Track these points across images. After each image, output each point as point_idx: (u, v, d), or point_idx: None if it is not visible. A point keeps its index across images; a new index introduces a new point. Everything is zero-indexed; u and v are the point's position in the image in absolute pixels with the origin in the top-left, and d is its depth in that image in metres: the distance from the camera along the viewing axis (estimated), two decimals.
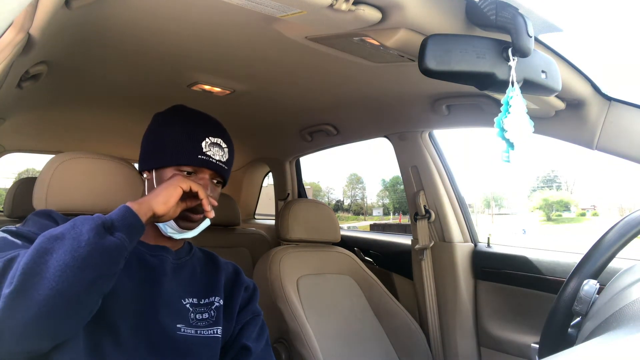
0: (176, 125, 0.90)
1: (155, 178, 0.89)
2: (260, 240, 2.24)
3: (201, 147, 0.86)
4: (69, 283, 0.60)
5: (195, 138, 0.87)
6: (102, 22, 0.96)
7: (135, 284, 0.81)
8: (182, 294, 0.87)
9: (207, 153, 0.86)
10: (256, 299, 1.00)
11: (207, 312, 0.89)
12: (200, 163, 0.86)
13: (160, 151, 0.88)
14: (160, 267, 0.86)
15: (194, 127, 0.89)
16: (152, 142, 0.91)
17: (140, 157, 0.93)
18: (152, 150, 0.90)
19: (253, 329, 0.95)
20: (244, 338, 0.93)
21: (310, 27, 0.90)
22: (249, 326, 0.95)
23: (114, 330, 0.76)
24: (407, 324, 1.59)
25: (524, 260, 1.47)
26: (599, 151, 1.09)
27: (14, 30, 0.65)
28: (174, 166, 0.86)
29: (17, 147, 2.48)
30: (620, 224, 0.71)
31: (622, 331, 0.45)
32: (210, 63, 1.24)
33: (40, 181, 0.98)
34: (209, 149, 0.87)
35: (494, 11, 0.71)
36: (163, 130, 0.91)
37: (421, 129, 1.66)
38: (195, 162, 0.86)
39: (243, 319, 0.95)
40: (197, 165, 0.86)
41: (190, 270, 0.92)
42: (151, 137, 0.93)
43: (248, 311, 0.96)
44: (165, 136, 0.89)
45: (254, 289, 1.01)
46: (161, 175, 0.88)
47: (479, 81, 0.71)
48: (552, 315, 0.71)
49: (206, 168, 0.87)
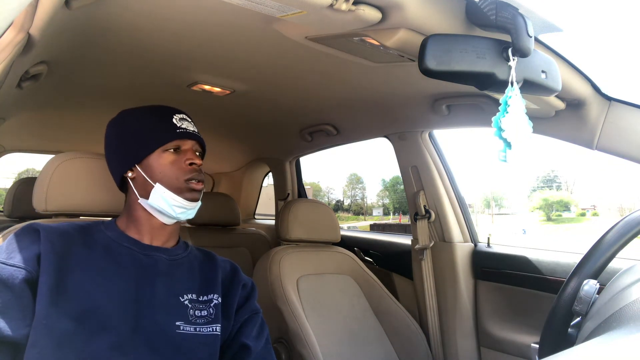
0: (140, 116, 0.92)
1: (144, 171, 0.89)
2: (260, 240, 2.24)
3: (175, 123, 0.91)
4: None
5: (166, 117, 0.91)
6: (102, 22, 0.96)
7: (131, 285, 0.82)
8: (180, 291, 0.87)
9: (182, 127, 0.91)
10: (254, 296, 1.00)
11: (206, 309, 0.89)
12: (182, 135, 0.90)
13: (137, 142, 0.89)
14: (155, 266, 0.86)
15: (160, 109, 0.93)
16: (123, 139, 0.92)
17: (114, 162, 0.93)
18: (126, 146, 0.91)
19: (252, 327, 0.95)
20: (243, 336, 0.92)
21: (310, 27, 0.90)
22: (248, 324, 0.95)
23: (113, 333, 0.76)
24: (407, 324, 1.59)
25: (524, 260, 1.47)
26: (599, 151, 1.09)
27: (14, 30, 0.65)
28: (159, 148, 0.88)
29: (17, 147, 2.48)
30: (620, 224, 0.71)
31: (622, 331, 0.45)
32: (210, 63, 1.24)
33: (40, 181, 0.98)
34: (182, 123, 0.92)
35: (494, 11, 0.71)
36: (129, 125, 0.92)
37: (421, 129, 1.66)
38: (177, 135, 0.89)
39: (242, 317, 0.95)
40: (180, 138, 0.90)
41: (188, 267, 0.92)
42: (119, 136, 0.93)
43: (246, 309, 0.96)
44: (136, 127, 0.91)
45: (252, 286, 1.01)
46: (150, 165, 0.89)
47: (479, 81, 0.71)
48: (552, 315, 0.71)
49: (188, 139, 0.91)
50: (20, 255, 0.76)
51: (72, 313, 0.74)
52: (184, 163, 0.90)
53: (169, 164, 0.89)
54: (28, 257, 0.76)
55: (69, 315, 0.74)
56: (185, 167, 0.89)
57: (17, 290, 0.73)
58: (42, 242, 0.78)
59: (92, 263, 0.81)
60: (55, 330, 0.72)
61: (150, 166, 0.88)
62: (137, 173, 0.90)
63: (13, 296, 0.72)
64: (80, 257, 0.81)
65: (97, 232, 0.88)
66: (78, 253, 0.81)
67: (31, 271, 0.75)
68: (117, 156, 0.93)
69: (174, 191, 0.88)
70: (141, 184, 0.89)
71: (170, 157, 0.89)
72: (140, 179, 0.89)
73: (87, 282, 0.78)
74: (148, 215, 0.90)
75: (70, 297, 0.76)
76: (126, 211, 0.93)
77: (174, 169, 0.89)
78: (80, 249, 0.82)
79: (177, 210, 0.88)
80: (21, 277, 0.74)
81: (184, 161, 0.90)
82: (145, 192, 0.89)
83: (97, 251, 0.83)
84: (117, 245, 0.86)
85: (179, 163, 0.90)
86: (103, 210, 1.03)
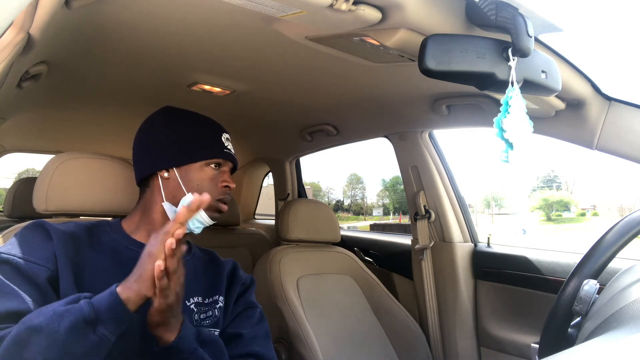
0: (192, 122, 0.93)
1: (180, 176, 0.88)
2: (260, 240, 2.24)
3: (222, 142, 0.93)
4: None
5: (217, 133, 0.93)
6: (102, 22, 0.96)
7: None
8: (186, 294, 0.86)
9: (227, 147, 0.94)
10: (251, 291, 0.99)
11: (211, 310, 0.89)
12: (226, 156, 0.92)
13: (186, 147, 0.89)
14: None
15: (212, 123, 0.95)
16: (169, 137, 0.90)
17: (149, 156, 0.91)
18: (171, 146, 0.90)
19: (245, 319, 0.94)
20: (234, 327, 0.91)
21: (310, 27, 0.90)
22: (240, 316, 0.94)
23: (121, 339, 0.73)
24: (407, 324, 1.59)
25: (524, 260, 1.47)
26: (599, 151, 1.09)
27: (14, 30, 0.65)
28: (203, 160, 0.90)
29: (17, 147, 2.48)
30: (620, 224, 0.71)
31: (622, 331, 0.45)
32: (210, 63, 1.24)
33: (40, 181, 0.98)
34: (227, 143, 0.94)
35: (494, 11, 0.71)
36: (180, 127, 0.92)
37: (421, 129, 1.66)
38: (224, 155, 0.92)
39: (235, 310, 0.94)
40: (225, 158, 0.92)
41: (192, 269, 0.91)
42: (165, 133, 0.91)
43: (241, 303, 0.96)
44: (188, 132, 0.91)
45: (251, 282, 1.01)
46: (189, 172, 0.89)
47: (479, 81, 0.71)
48: (552, 315, 0.71)
49: (229, 161, 0.94)
50: (38, 253, 0.74)
51: None
52: (220, 182, 0.91)
53: (208, 179, 0.90)
54: (47, 256, 0.74)
55: None
56: (220, 187, 0.91)
57: (42, 288, 0.71)
58: (55, 242, 0.76)
59: (101, 266, 0.80)
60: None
61: (189, 175, 0.89)
62: (173, 176, 0.89)
63: (40, 294, 0.71)
64: (89, 260, 0.80)
65: (103, 234, 0.86)
66: (87, 256, 0.80)
67: (53, 270, 0.74)
68: (156, 152, 0.90)
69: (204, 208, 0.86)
70: (172, 188, 0.88)
71: (211, 173, 0.90)
72: (173, 183, 0.89)
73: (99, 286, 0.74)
74: (165, 220, 0.87)
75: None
76: (141, 210, 0.91)
77: (211, 185, 0.90)
78: (88, 251, 0.81)
79: (196, 224, 0.87)
80: (45, 275, 0.72)
81: (221, 181, 0.91)
82: (173, 197, 0.88)
83: (104, 254, 0.82)
84: (124, 248, 0.85)
85: (216, 181, 0.91)
86: (103, 210, 1.03)
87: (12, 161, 4.14)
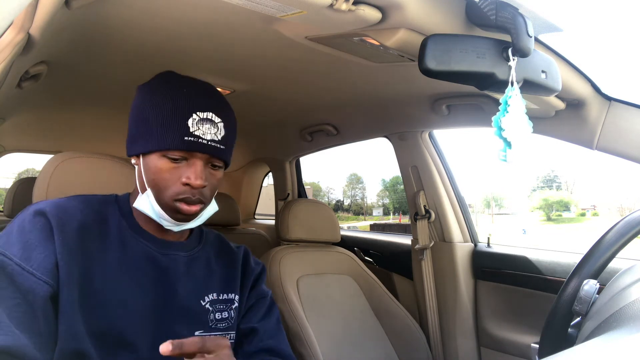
0: (160, 99, 0.75)
1: (142, 165, 0.76)
2: (260, 240, 2.24)
3: (187, 127, 0.72)
4: None
5: (180, 115, 0.72)
6: (102, 22, 0.96)
7: (149, 292, 0.75)
8: (200, 293, 0.81)
9: (195, 133, 0.72)
10: (262, 280, 0.95)
11: (227, 310, 0.84)
12: (189, 146, 0.72)
13: (144, 133, 0.75)
14: (174, 267, 0.79)
15: (178, 101, 0.74)
16: (136, 122, 0.77)
17: (128, 139, 0.80)
18: (136, 131, 0.77)
19: (258, 311, 0.90)
20: (248, 322, 0.88)
21: (310, 27, 0.90)
22: (253, 309, 0.90)
23: (131, 348, 0.71)
24: (407, 324, 1.59)
25: (524, 260, 1.47)
26: (599, 151, 1.09)
27: (14, 30, 0.65)
28: (160, 151, 0.73)
29: (17, 147, 2.48)
30: (620, 224, 0.71)
31: (622, 331, 0.45)
32: (210, 63, 1.24)
33: (40, 181, 0.98)
34: (197, 128, 0.72)
35: (494, 11, 0.71)
36: (146, 106, 0.76)
37: (421, 129, 1.66)
38: (182, 145, 0.72)
39: (248, 302, 0.90)
40: (186, 150, 0.72)
41: (205, 262, 0.85)
42: (134, 114, 0.78)
43: (253, 295, 0.92)
44: (149, 114, 0.74)
45: (261, 271, 0.95)
46: (148, 164, 0.75)
47: (479, 81, 0.71)
48: (552, 315, 0.71)
49: (197, 151, 0.73)
50: (37, 258, 0.66)
51: (91, 330, 0.68)
52: (179, 178, 0.74)
53: (165, 171, 0.74)
54: (47, 267, 0.66)
55: (89, 333, 0.68)
56: (180, 182, 0.74)
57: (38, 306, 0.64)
58: (57, 241, 0.68)
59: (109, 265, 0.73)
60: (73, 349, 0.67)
61: (148, 167, 0.75)
62: (138, 163, 0.78)
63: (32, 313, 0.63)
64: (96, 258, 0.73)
65: (111, 216, 0.78)
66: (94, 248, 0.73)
67: (53, 285, 0.66)
68: (129, 134, 0.79)
69: (161, 205, 0.75)
70: (140, 177, 0.78)
71: (167, 166, 0.74)
72: (139, 172, 0.77)
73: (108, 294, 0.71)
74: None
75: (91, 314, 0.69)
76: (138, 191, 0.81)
77: (167, 181, 0.74)
78: (96, 245, 0.73)
79: (165, 224, 0.77)
80: (42, 293, 0.64)
81: (180, 177, 0.74)
82: (142, 187, 0.78)
83: (112, 248, 0.75)
84: (133, 240, 0.77)
85: (175, 175, 0.74)
86: None
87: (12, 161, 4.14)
